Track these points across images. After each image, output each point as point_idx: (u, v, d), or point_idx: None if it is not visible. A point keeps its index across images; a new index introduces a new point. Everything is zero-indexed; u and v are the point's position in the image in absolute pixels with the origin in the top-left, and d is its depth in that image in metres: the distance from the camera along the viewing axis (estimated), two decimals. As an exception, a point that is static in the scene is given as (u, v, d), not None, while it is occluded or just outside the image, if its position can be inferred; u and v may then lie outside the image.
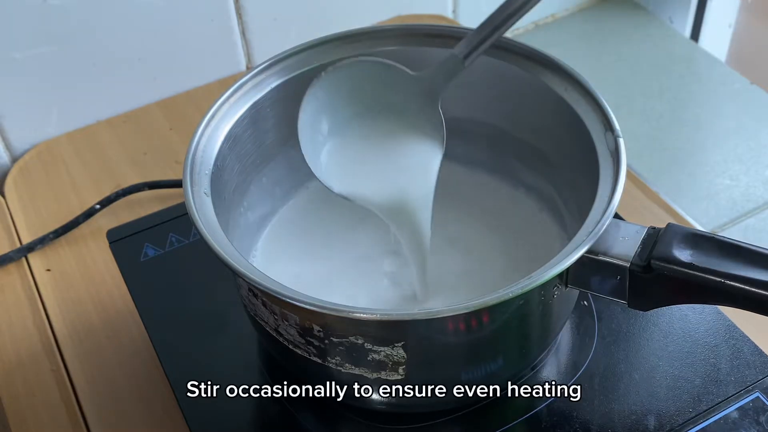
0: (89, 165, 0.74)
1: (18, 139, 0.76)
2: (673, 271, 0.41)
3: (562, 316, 0.49)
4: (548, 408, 0.50)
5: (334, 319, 0.42)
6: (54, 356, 0.59)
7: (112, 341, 0.59)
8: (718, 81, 0.94)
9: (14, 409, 0.56)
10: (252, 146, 0.53)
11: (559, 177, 0.54)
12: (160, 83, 0.80)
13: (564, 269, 0.41)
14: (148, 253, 0.61)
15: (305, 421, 0.51)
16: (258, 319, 0.47)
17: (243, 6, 0.79)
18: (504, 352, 0.47)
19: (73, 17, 0.72)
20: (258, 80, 0.52)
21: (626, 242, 0.43)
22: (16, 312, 0.63)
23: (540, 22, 1.04)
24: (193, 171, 0.47)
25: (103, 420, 0.55)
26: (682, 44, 1.00)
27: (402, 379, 0.44)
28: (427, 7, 0.90)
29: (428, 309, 0.40)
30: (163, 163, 0.74)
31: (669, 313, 0.54)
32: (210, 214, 0.45)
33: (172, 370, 0.54)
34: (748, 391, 0.50)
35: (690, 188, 0.82)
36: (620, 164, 0.45)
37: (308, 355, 0.45)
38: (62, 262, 0.66)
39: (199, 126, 0.49)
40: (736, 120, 0.89)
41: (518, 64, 0.52)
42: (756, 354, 0.52)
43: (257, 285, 0.41)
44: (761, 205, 0.80)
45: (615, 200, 0.43)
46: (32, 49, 0.72)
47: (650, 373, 0.51)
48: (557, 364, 0.52)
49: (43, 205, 0.71)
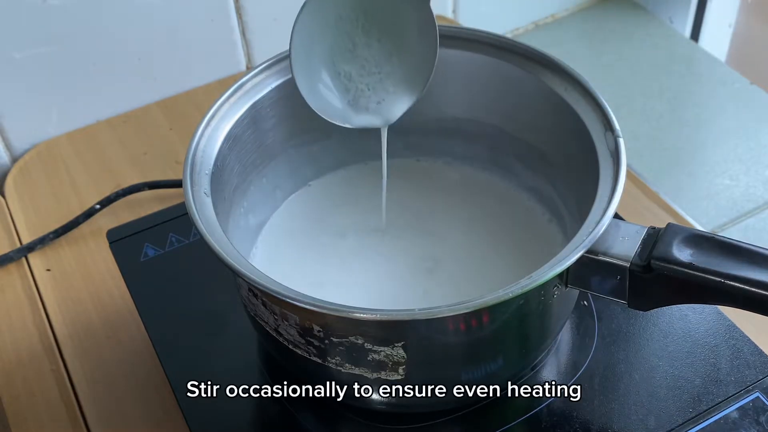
0: (89, 165, 0.74)
1: (18, 139, 0.76)
2: (673, 271, 0.41)
3: (562, 316, 0.49)
4: (548, 408, 0.50)
5: (334, 319, 0.42)
6: (54, 356, 0.59)
7: (112, 341, 0.59)
8: (718, 81, 0.94)
9: (14, 409, 0.56)
10: (252, 146, 0.53)
11: (559, 177, 0.54)
12: (160, 83, 0.80)
13: (564, 269, 0.41)
14: (148, 253, 0.61)
15: (305, 421, 0.51)
16: (258, 319, 0.47)
17: (243, 6, 0.79)
18: (504, 352, 0.47)
19: (73, 17, 0.72)
20: (258, 80, 0.52)
21: (626, 242, 0.43)
22: (16, 312, 0.63)
23: (540, 22, 1.04)
24: (193, 171, 0.47)
25: (103, 420, 0.55)
26: (682, 44, 1.00)
27: (402, 379, 0.44)
28: (427, 7, 0.90)
29: (428, 309, 0.40)
30: (163, 163, 0.74)
31: (669, 313, 0.54)
32: (210, 214, 0.45)
33: (172, 370, 0.54)
34: (748, 391, 0.50)
35: (690, 188, 0.82)
36: (620, 164, 0.45)
37: (308, 355, 0.45)
38: (62, 262, 0.66)
39: (199, 126, 0.49)
40: (736, 120, 0.89)
41: (518, 64, 0.52)
42: (756, 354, 0.52)
43: (257, 285, 0.41)
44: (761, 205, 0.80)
45: (615, 200, 0.43)
46: (32, 49, 0.72)
47: (650, 373, 0.51)
48: (557, 364, 0.52)
49: (43, 205, 0.71)
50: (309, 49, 0.50)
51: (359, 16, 0.50)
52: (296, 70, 0.50)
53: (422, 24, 0.50)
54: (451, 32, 0.54)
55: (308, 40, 0.50)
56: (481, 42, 0.53)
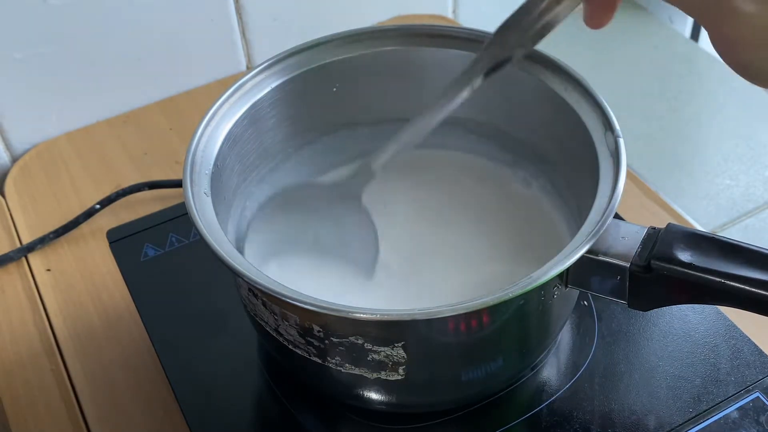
0: (89, 165, 0.74)
1: (18, 139, 0.76)
2: (673, 271, 0.41)
3: (562, 317, 0.49)
4: (548, 408, 0.50)
5: (334, 319, 0.42)
6: (54, 356, 0.59)
7: (112, 341, 0.59)
8: (718, 81, 0.94)
9: (14, 409, 0.56)
10: (252, 146, 0.53)
11: (559, 177, 0.54)
12: (160, 83, 0.80)
13: (564, 269, 0.41)
14: (148, 253, 0.61)
15: (305, 421, 0.51)
16: (258, 319, 0.47)
17: (243, 6, 0.79)
18: (504, 353, 0.47)
19: (73, 17, 0.72)
20: (258, 80, 0.52)
21: (626, 242, 0.43)
22: (16, 312, 0.63)
23: (540, 22, 1.04)
24: (193, 171, 0.47)
25: (103, 420, 0.55)
26: (682, 44, 1.00)
27: (402, 379, 0.44)
28: (427, 7, 0.90)
29: (428, 309, 0.40)
30: (163, 163, 0.74)
31: (669, 313, 0.54)
32: (210, 214, 0.45)
33: (172, 370, 0.54)
34: (748, 391, 0.50)
35: (690, 188, 0.82)
36: (620, 164, 0.45)
37: (308, 355, 0.45)
38: (62, 262, 0.66)
39: (199, 126, 0.49)
40: (736, 120, 0.89)
41: (518, 64, 0.52)
42: (756, 354, 0.52)
43: (257, 285, 0.41)
44: (761, 205, 0.80)
45: (615, 200, 0.43)
46: (32, 49, 0.72)
47: (650, 373, 0.51)
48: (557, 364, 0.52)
49: (43, 205, 0.71)
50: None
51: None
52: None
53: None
54: (451, 32, 0.54)
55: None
56: (481, 42, 0.53)
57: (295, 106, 0.55)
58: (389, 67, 0.55)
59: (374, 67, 0.55)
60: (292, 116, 0.55)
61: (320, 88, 0.55)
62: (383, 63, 0.55)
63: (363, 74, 0.56)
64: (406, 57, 0.55)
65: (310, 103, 0.55)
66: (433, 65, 0.55)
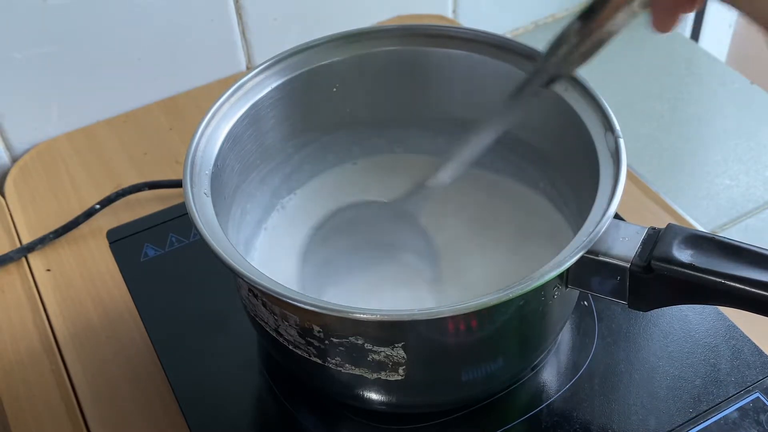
0: (89, 165, 0.74)
1: (18, 139, 0.76)
2: (673, 271, 0.41)
3: (563, 317, 0.49)
4: (548, 408, 0.50)
5: (334, 319, 0.42)
6: (54, 356, 0.59)
7: (112, 341, 0.59)
8: (718, 81, 0.94)
9: (14, 409, 0.56)
10: (252, 146, 0.53)
11: (559, 177, 0.54)
12: (160, 83, 0.80)
13: (564, 270, 0.41)
14: (148, 253, 0.61)
15: (305, 421, 0.51)
16: (258, 319, 0.47)
17: (243, 6, 0.79)
18: (504, 353, 0.47)
19: (73, 17, 0.72)
20: (258, 80, 0.52)
21: (626, 242, 0.43)
22: (16, 312, 0.63)
23: (540, 22, 1.04)
24: (193, 171, 0.47)
25: (103, 420, 0.55)
26: (682, 44, 1.00)
27: (402, 379, 0.44)
28: (427, 7, 0.90)
29: (428, 309, 0.40)
30: (163, 163, 0.74)
31: (669, 313, 0.54)
32: (210, 214, 0.45)
33: (172, 370, 0.54)
34: (748, 392, 0.50)
35: (690, 188, 0.82)
36: (620, 164, 0.45)
37: (308, 355, 0.45)
38: (62, 262, 0.66)
39: (199, 126, 0.49)
40: (736, 120, 0.89)
41: (518, 64, 0.52)
42: (756, 354, 0.52)
43: (257, 285, 0.41)
44: (761, 205, 0.80)
45: (615, 200, 0.43)
46: (32, 48, 0.72)
47: (650, 373, 0.51)
48: (557, 364, 0.52)
49: (43, 205, 0.71)
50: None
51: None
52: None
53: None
54: (451, 32, 0.54)
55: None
56: (481, 42, 0.53)
57: (295, 106, 0.55)
58: (389, 67, 0.55)
59: (374, 67, 0.55)
60: (292, 116, 0.55)
61: (320, 88, 0.55)
62: (383, 63, 0.55)
63: (363, 74, 0.56)
64: (406, 57, 0.55)
65: (310, 103, 0.55)
66: (433, 65, 0.55)
